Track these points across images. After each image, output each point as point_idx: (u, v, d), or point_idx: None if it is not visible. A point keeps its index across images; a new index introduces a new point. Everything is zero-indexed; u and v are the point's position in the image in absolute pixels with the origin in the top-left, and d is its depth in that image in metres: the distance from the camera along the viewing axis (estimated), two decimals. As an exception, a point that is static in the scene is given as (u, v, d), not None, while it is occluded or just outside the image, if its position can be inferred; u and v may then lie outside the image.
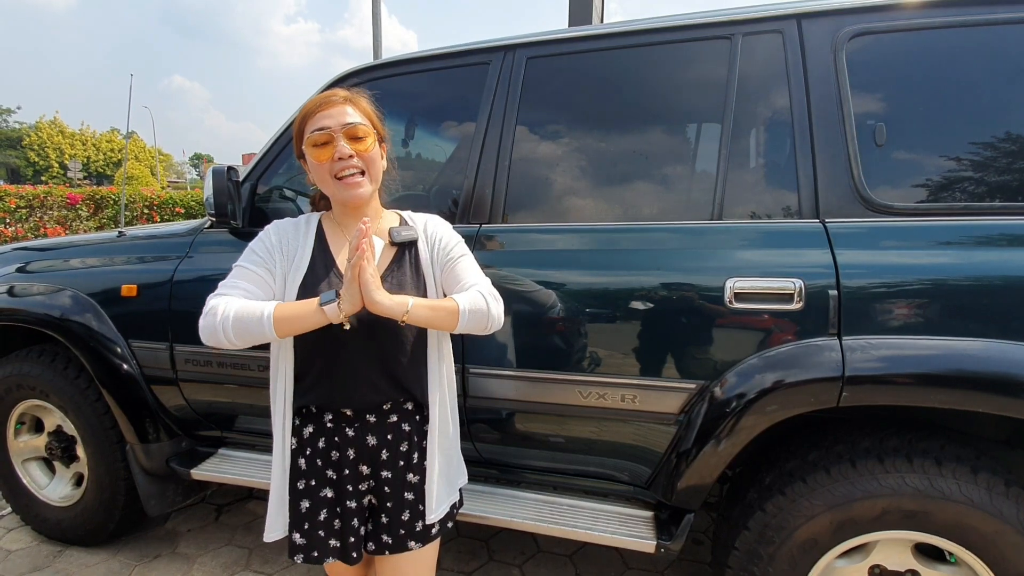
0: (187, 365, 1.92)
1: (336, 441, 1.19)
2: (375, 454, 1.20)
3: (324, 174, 1.15)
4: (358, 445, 1.19)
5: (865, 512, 1.33)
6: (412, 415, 1.23)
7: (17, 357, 2.21)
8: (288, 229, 1.24)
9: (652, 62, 1.62)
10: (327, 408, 1.19)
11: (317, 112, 1.14)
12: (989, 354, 1.24)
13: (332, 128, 1.12)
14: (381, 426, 1.20)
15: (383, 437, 1.20)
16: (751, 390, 1.36)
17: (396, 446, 1.21)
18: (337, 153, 1.12)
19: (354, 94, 1.20)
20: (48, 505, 2.29)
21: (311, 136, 1.13)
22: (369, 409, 1.19)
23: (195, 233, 2.03)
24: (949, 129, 1.38)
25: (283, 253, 1.20)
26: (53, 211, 8.98)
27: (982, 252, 1.30)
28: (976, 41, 1.37)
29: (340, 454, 1.19)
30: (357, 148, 1.14)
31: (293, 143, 1.22)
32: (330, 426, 1.19)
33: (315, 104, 1.16)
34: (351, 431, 1.19)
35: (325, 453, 1.19)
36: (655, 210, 1.59)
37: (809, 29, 1.46)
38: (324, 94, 1.18)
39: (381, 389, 1.18)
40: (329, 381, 1.18)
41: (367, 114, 1.19)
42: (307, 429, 1.21)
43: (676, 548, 1.49)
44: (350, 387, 1.17)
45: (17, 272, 2.24)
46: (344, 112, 1.14)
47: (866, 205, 1.37)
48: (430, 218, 1.32)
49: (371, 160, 1.17)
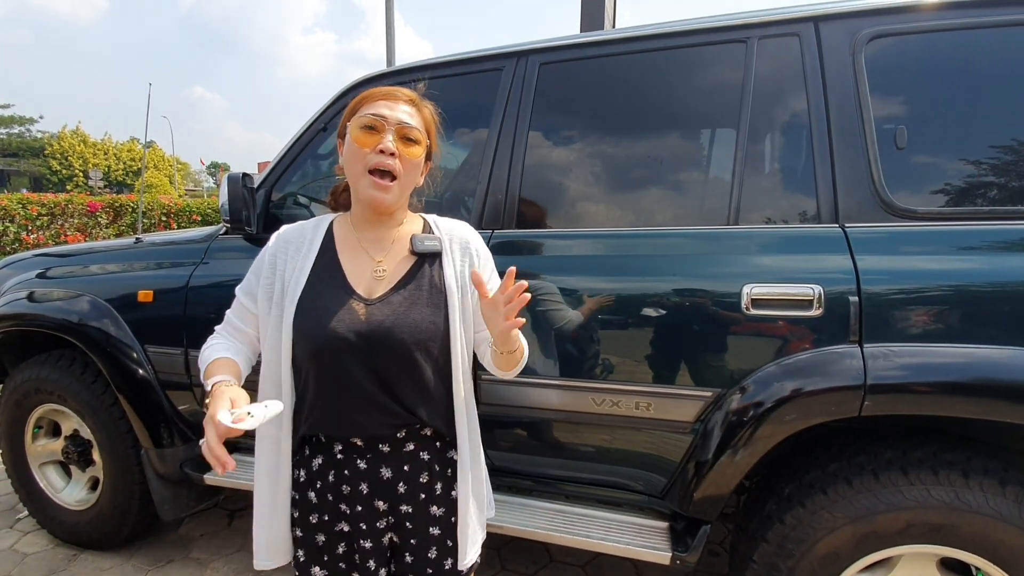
0: (201, 370, 1.94)
1: (346, 475, 1.05)
2: (390, 488, 1.05)
3: (358, 162, 1.03)
4: (371, 478, 1.05)
5: (888, 525, 1.29)
6: (431, 442, 1.09)
7: (36, 362, 2.24)
8: (291, 236, 1.11)
9: (665, 67, 1.61)
10: (336, 437, 1.06)
11: (379, 99, 1.05)
12: (1016, 362, 1.20)
13: (388, 119, 1.03)
14: (396, 456, 1.06)
15: (399, 469, 1.05)
16: (769, 399, 1.33)
17: (415, 478, 1.06)
18: (381, 144, 1.01)
19: (420, 100, 1.11)
20: (64, 509, 2.31)
21: (362, 117, 1.03)
22: (382, 438, 1.05)
23: (210, 239, 2.05)
24: (971, 132, 1.35)
25: (275, 268, 1.08)
26: (74, 219, 9.15)
27: (1007, 257, 1.27)
28: (997, 42, 1.34)
29: (351, 488, 1.05)
30: (403, 150, 1.03)
31: (340, 123, 1.10)
32: (340, 457, 1.05)
33: (379, 92, 1.07)
34: (363, 463, 1.05)
35: (335, 487, 1.05)
36: (670, 215, 1.57)
37: (827, 31, 1.44)
38: (389, 88, 1.09)
39: (393, 413, 1.04)
40: (329, 404, 1.03)
41: (427, 125, 1.10)
42: (316, 461, 1.07)
43: (692, 560, 1.46)
44: (354, 410, 1.03)
45: (37, 278, 2.28)
46: (404, 110, 1.06)
47: (887, 209, 1.35)
48: (459, 227, 1.17)
49: (411, 168, 1.06)
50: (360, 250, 1.09)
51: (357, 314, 1.02)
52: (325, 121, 1.93)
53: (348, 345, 1.00)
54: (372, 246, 1.09)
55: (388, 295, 1.05)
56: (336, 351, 1.00)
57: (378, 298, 1.04)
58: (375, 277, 1.07)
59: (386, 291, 1.05)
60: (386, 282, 1.06)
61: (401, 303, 1.04)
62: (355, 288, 1.05)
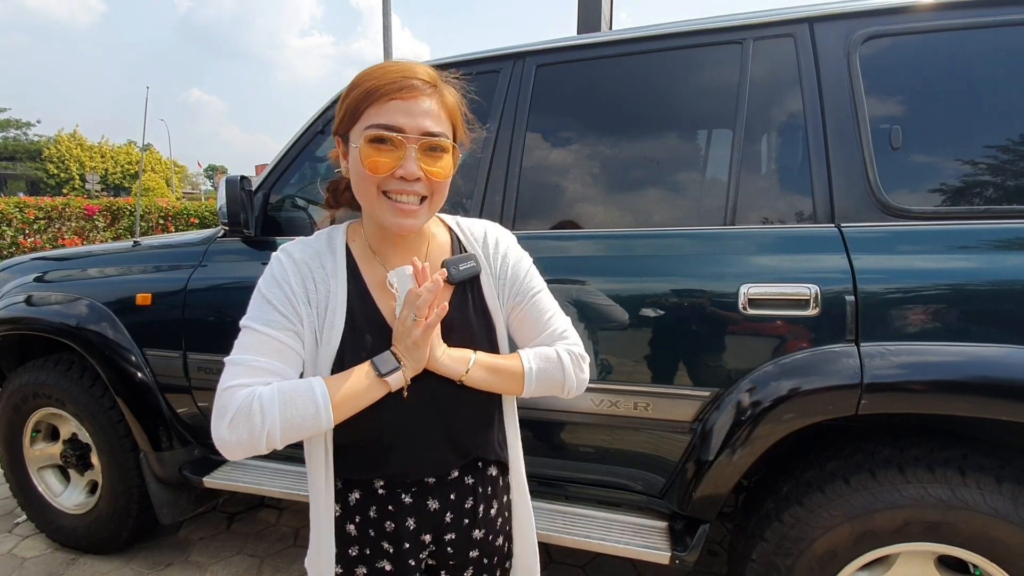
0: (200, 373, 1.94)
1: (390, 511, 0.92)
2: (438, 520, 0.94)
3: (371, 185, 0.82)
4: (418, 512, 0.93)
5: (886, 523, 1.29)
6: (473, 464, 0.97)
7: (34, 366, 2.24)
8: (310, 264, 0.87)
9: (662, 68, 1.62)
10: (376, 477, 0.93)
11: (391, 97, 0.79)
12: (1012, 360, 1.21)
13: (406, 132, 0.79)
14: (442, 486, 0.94)
15: (445, 498, 0.94)
16: (767, 398, 1.34)
17: (460, 504, 0.96)
18: (401, 171, 0.79)
19: (440, 79, 0.86)
20: (62, 513, 2.30)
21: (371, 131, 0.79)
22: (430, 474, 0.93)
23: (208, 242, 2.05)
24: (967, 131, 1.35)
25: (310, 303, 0.85)
26: (71, 222, 9.14)
27: (1003, 256, 1.27)
28: (992, 42, 1.35)
29: (396, 524, 0.92)
30: (430, 169, 0.81)
31: (336, 119, 0.87)
32: (381, 492, 0.92)
33: (389, 83, 0.80)
34: (408, 497, 0.92)
35: (378, 523, 0.92)
36: (667, 216, 1.58)
37: (822, 32, 1.44)
38: (402, 67, 0.82)
39: (447, 461, 0.92)
40: (380, 454, 0.89)
41: (452, 116, 0.86)
42: (353, 495, 0.92)
43: (691, 559, 1.46)
44: (408, 460, 0.90)
45: (35, 281, 2.27)
46: (425, 110, 0.81)
47: (883, 209, 1.35)
48: (490, 228, 0.99)
49: (440, 188, 0.85)
50: (384, 275, 0.90)
51: None
52: (323, 124, 1.93)
53: (395, 402, 0.85)
54: None
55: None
56: (387, 410, 0.85)
57: None
58: None
59: None
60: None
61: (456, 344, 0.89)
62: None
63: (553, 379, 0.93)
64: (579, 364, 0.95)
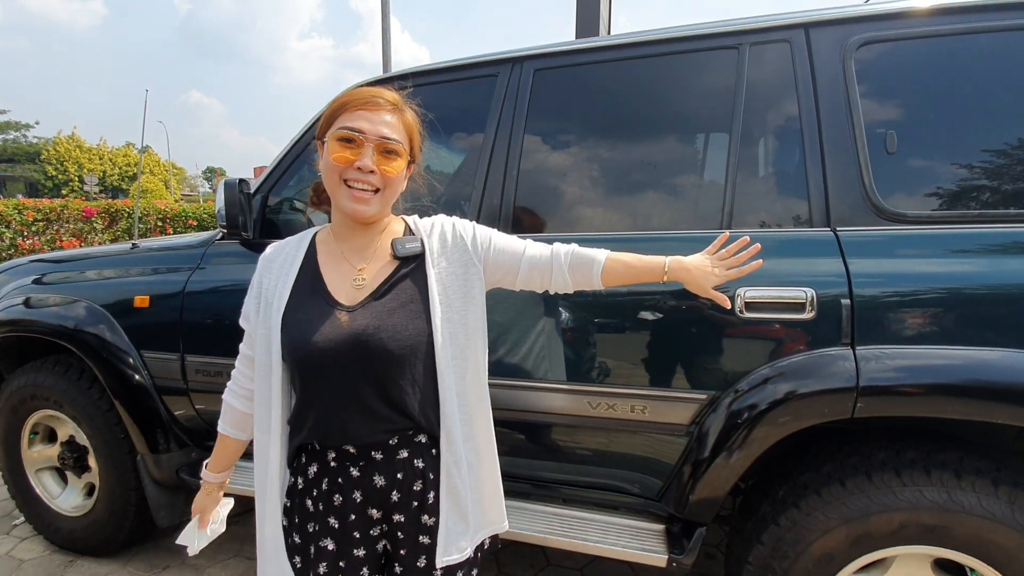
0: (197, 375, 1.94)
1: (339, 483, 1.03)
2: (384, 496, 1.04)
3: (335, 173, 1.02)
4: (364, 486, 1.03)
5: (882, 526, 1.30)
6: (427, 449, 1.06)
7: (32, 368, 2.24)
8: (273, 255, 1.13)
9: (659, 73, 1.63)
10: (328, 445, 1.04)
11: (358, 108, 1.02)
12: (1008, 363, 1.21)
13: (366, 133, 1.00)
14: (389, 464, 1.03)
15: (392, 477, 1.03)
16: (763, 401, 1.34)
17: (408, 485, 1.04)
18: (358, 162, 1.00)
19: (403, 103, 1.08)
20: (60, 515, 2.30)
21: (339, 131, 1.01)
22: (374, 444, 1.03)
23: (207, 245, 2.05)
24: (961, 136, 1.36)
25: (261, 288, 1.10)
26: (69, 224, 9.14)
27: (997, 260, 1.28)
28: (985, 47, 1.36)
29: (343, 497, 1.03)
30: (382, 166, 1.02)
31: (318, 124, 1.08)
32: (333, 465, 1.04)
33: (358, 98, 1.03)
34: (355, 471, 1.03)
35: (327, 496, 1.04)
36: (664, 220, 1.58)
37: (817, 38, 1.45)
38: (371, 91, 1.05)
39: (382, 418, 1.02)
40: (320, 414, 1.03)
41: (409, 131, 1.08)
42: (311, 468, 1.06)
43: (688, 562, 1.46)
44: (343, 418, 1.01)
45: (33, 283, 2.27)
46: (385, 121, 1.03)
47: (878, 213, 1.36)
48: (436, 219, 1.16)
49: (391, 182, 1.04)
50: (342, 260, 1.08)
51: (339, 322, 1.01)
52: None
53: (331, 354, 1.00)
54: (354, 255, 1.08)
55: (368, 301, 1.04)
56: (320, 361, 1.00)
57: (358, 304, 1.03)
58: (355, 286, 1.06)
59: (365, 297, 1.04)
60: (366, 289, 1.05)
61: (381, 308, 1.03)
62: (336, 298, 1.04)
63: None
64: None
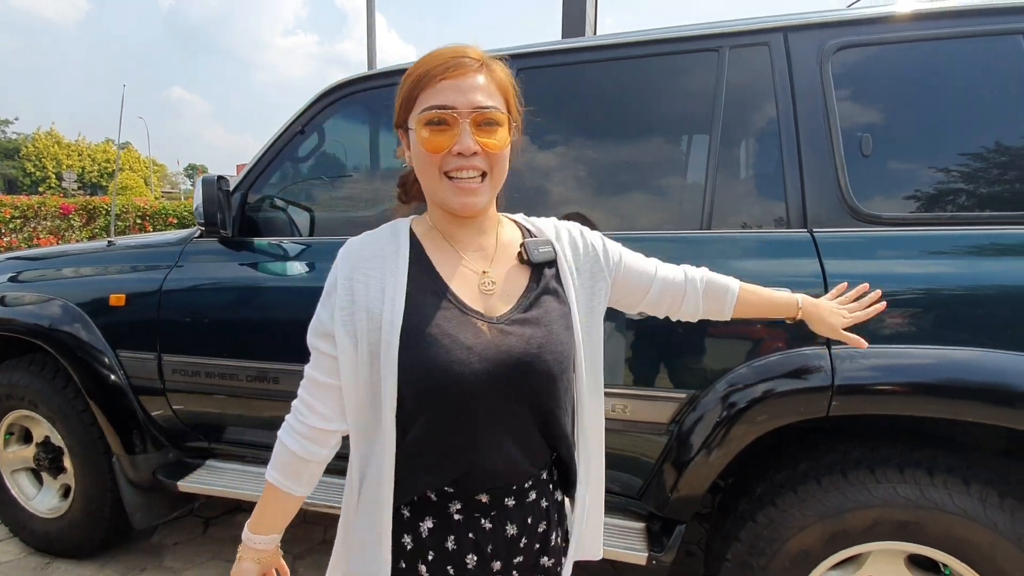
0: (175, 375, 1.91)
1: (471, 539, 0.83)
2: (513, 546, 0.86)
3: (432, 167, 0.82)
4: (495, 539, 0.85)
5: (857, 523, 1.32)
6: (545, 485, 0.90)
7: (6, 367, 2.19)
8: (365, 251, 0.86)
9: (641, 74, 1.64)
10: (459, 494, 0.83)
11: (442, 77, 0.80)
12: (981, 363, 1.24)
13: (459, 108, 0.79)
14: (520, 508, 0.86)
15: (523, 523, 0.86)
16: (741, 400, 1.36)
17: (535, 528, 0.88)
18: (458, 147, 0.79)
19: (488, 57, 0.85)
20: (36, 516, 2.26)
21: (426, 112, 0.80)
22: (509, 489, 0.85)
23: (184, 243, 2.02)
24: (935, 140, 1.39)
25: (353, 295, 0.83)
26: (47, 221, 8.97)
27: (972, 261, 1.31)
28: (960, 53, 1.38)
29: (478, 557, 0.84)
30: (485, 142, 0.80)
31: (395, 113, 0.88)
32: (458, 518, 0.83)
33: (440, 64, 0.81)
34: (487, 522, 0.84)
35: (458, 557, 0.83)
36: (645, 220, 1.59)
37: (796, 42, 1.47)
38: (452, 50, 0.83)
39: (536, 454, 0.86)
40: (455, 454, 0.82)
41: (504, 90, 0.85)
42: (425, 524, 0.84)
43: (668, 560, 1.48)
44: (488, 458, 0.82)
45: (9, 281, 2.23)
46: (478, 85, 0.81)
47: (853, 215, 1.38)
48: (559, 225, 0.98)
49: (498, 160, 0.84)
50: (458, 260, 0.87)
51: (486, 337, 0.81)
52: (303, 124, 1.92)
53: (484, 377, 0.79)
54: (471, 255, 0.88)
55: (517, 312, 0.85)
56: (464, 386, 0.79)
57: (504, 317, 0.84)
58: (484, 291, 0.85)
59: (511, 308, 0.85)
60: (504, 297, 0.86)
61: (539, 323, 0.84)
62: (470, 304, 0.84)
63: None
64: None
